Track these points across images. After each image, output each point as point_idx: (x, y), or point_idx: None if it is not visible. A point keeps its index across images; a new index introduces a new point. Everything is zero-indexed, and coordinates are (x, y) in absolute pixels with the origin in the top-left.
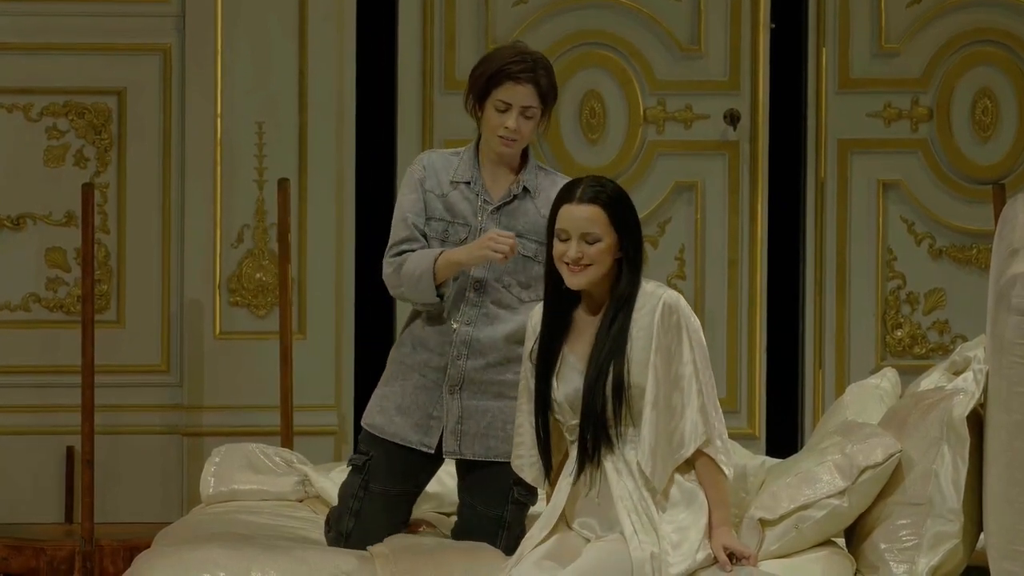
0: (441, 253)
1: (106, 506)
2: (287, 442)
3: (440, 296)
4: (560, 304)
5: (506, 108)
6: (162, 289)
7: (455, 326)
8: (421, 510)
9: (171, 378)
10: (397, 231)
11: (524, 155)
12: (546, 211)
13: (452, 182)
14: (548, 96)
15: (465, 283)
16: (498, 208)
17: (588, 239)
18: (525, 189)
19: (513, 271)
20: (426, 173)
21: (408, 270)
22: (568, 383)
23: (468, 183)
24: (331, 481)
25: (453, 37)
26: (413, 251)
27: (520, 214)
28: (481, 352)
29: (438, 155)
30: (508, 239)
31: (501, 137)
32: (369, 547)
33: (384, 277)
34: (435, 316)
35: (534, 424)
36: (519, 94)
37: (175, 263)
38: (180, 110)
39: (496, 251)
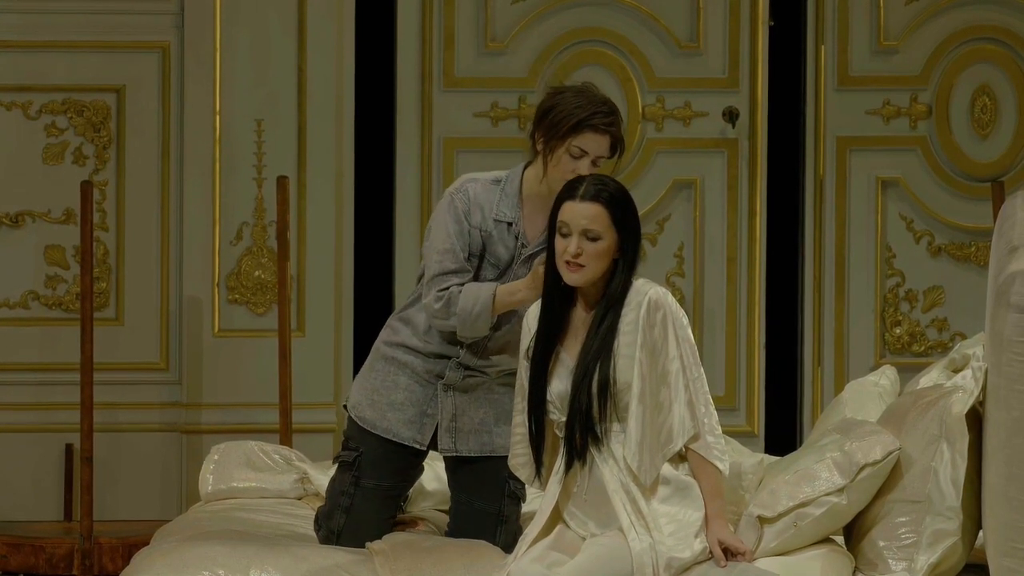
0: (495, 289)
1: (105, 504)
2: (286, 440)
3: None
4: (557, 302)
5: (581, 155)
6: (161, 287)
7: None
8: (420, 507)
9: (170, 376)
10: (444, 261)
11: None
12: None
13: (495, 220)
14: (618, 147)
15: None
16: (532, 255)
17: (589, 235)
18: None
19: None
20: (470, 207)
21: (463, 307)
22: (559, 382)
23: (509, 224)
24: (330, 479)
25: (452, 35)
26: (456, 284)
27: None
28: (486, 352)
29: (481, 186)
30: None
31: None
32: (368, 544)
33: (427, 309)
34: None
35: (526, 423)
36: (598, 144)
37: (174, 261)
38: (179, 108)
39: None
